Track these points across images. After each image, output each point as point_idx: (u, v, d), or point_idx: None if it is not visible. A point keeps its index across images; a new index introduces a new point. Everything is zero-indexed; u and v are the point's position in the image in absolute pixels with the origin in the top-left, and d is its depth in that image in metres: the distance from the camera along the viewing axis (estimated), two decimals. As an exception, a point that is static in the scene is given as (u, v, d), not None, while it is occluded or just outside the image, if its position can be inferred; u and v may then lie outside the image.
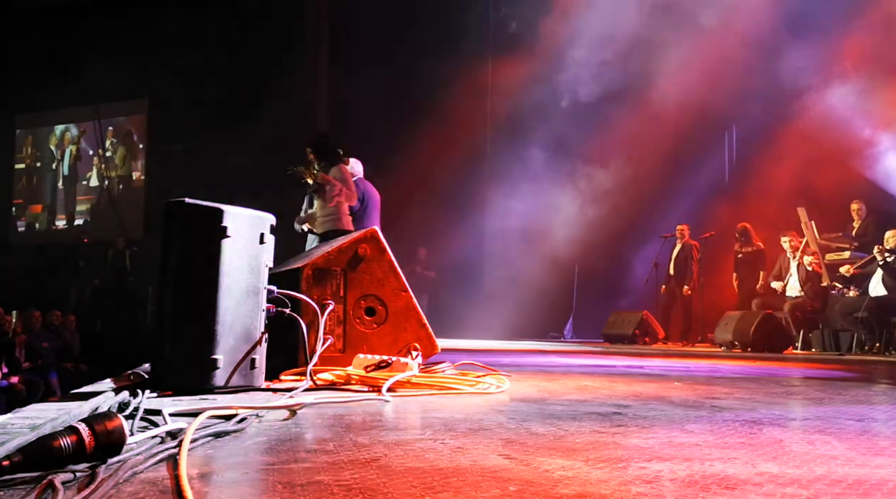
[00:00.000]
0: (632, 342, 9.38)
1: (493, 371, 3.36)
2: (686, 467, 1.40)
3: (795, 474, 1.35)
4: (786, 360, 6.45)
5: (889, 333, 7.61)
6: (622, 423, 2.00)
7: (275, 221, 2.76)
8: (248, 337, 2.57)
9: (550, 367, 4.59)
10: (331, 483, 1.22)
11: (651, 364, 5.08)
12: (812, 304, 8.45)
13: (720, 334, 8.12)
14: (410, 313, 3.44)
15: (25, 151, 18.11)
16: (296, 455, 1.47)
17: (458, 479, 1.27)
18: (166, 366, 2.52)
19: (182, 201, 2.56)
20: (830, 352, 8.18)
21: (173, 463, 1.35)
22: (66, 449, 1.29)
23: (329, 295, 3.29)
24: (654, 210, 10.87)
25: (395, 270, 3.46)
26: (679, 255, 10.00)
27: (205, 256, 2.51)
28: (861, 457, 1.54)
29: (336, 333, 3.29)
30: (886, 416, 2.26)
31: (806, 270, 8.54)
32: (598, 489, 1.21)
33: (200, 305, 2.48)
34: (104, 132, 16.96)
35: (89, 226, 16.52)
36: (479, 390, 2.78)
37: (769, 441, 1.72)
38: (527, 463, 1.41)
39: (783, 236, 8.79)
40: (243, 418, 1.85)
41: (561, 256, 11.61)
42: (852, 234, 8.73)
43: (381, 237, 3.51)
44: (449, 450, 1.54)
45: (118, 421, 1.38)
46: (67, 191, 17.53)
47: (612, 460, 1.46)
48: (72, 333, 11.10)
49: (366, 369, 2.90)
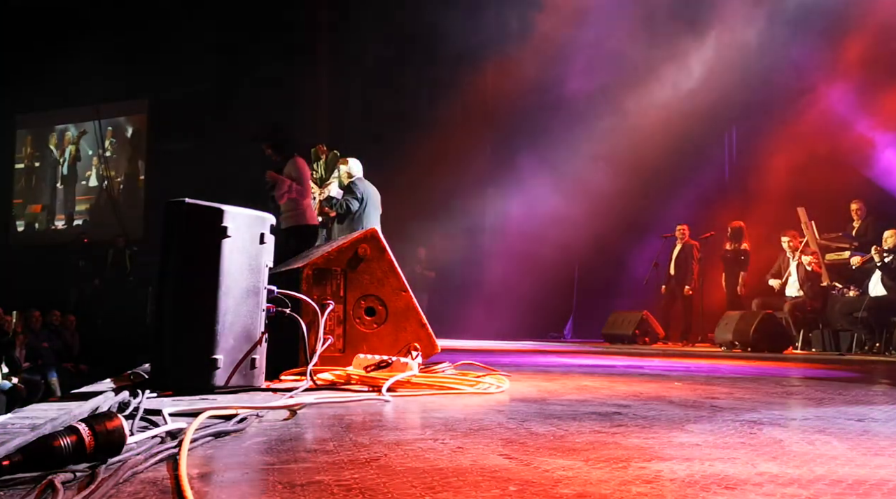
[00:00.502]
0: (632, 342, 9.38)
1: (493, 371, 3.36)
2: (686, 467, 1.40)
3: (795, 474, 1.35)
4: (786, 360, 6.45)
5: (889, 333, 7.62)
6: (622, 423, 2.00)
7: (275, 221, 2.76)
8: (248, 337, 2.57)
9: (550, 367, 4.59)
10: (331, 483, 1.22)
11: (651, 364, 5.08)
12: (812, 304, 8.44)
13: (720, 334, 8.12)
14: (410, 313, 3.44)
15: (25, 150, 18.11)
16: (296, 455, 1.47)
17: (458, 479, 1.27)
18: (166, 366, 2.52)
19: (182, 201, 2.56)
20: (830, 352, 8.18)
21: (173, 463, 1.35)
22: (66, 449, 1.29)
23: (329, 295, 3.29)
24: (654, 210, 10.86)
25: (395, 270, 3.46)
26: (679, 255, 10.00)
27: (205, 256, 2.51)
28: (861, 457, 1.54)
29: (336, 333, 3.29)
30: (886, 416, 2.26)
31: (805, 270, 8.54)
32: (598, 489, 1.21)
33: (200, 305, 2.48)
34: (104, 132, 16.96)
35: (89, 226, 16.52)
36: (478, 390, 2.78)
37: (769, 441, 1.72)
38: (527, 463, 1.41)
39: (783, 236, 8.79)
40: (243, 418, 1.85)
41: (561, 257, 11.61)
42: (852, 234, 8.73)
43: (381, 237, 3.51)
44: (449, 450, 1.54)
45: (118, 421, 1.38)
46: (67, 191, 17.53)
47: (612, 460, 1.46)
48: (72, 333, 11.10)
49: (366, 369, 2.90)
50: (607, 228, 11.33)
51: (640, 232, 10.98)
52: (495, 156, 12.55)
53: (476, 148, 12.47)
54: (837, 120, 9.44)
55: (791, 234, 8.78)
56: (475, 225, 12.27)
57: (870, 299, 7.69)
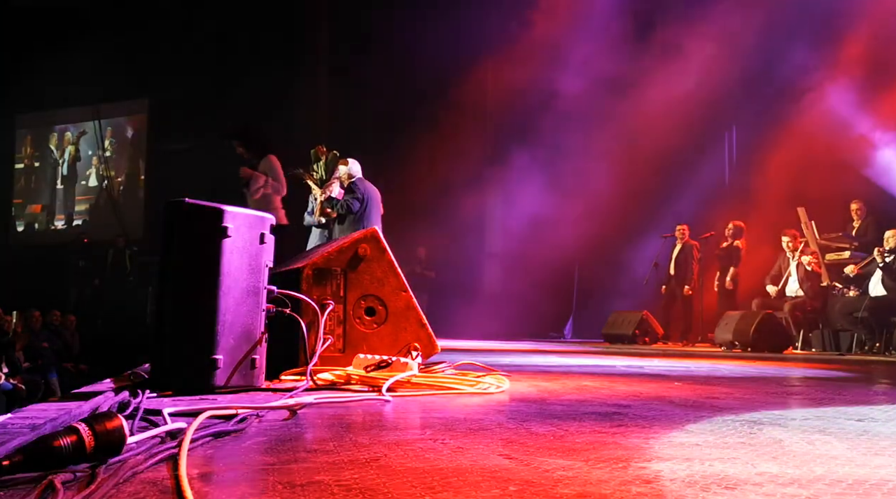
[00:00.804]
0: (632, 342, 9.38)
1: (493, 371, 3.36)
2: (686, 467, 1.40)
3: (795, 474, 1.35)
4: (786, 360, 6.45)
5: (889, 333, 7.61)
6: (622, 423, 2.00)
7: (275, 221, 2.76)
8: (248, 337, 2.57)
9: (550, 367, 4.59)
10: (331, 483, 1.22)
11: (651, 364, 5.08)
12: (812, 304, 8.44)
13: (720, 334, 8.12)
14: (410, 313, 3.44)
15: (25, 150, 18.11)
16: (296, 455, 1.47)
17: (458, 479, 1.27)
18: (166, 366, 2.52)
19: (182, 201, 2.55)
20: (830, 352, 8.18)
21: (173, 463, 1.35)
22: (66, 449, 1.29)
23: (329, 295, 3.29)
24: (654, 210, 10.86)
25: (396, 270, 3.46)
26: (679, 255, 10.00)
27: (205, 256, 2.51)
28: (861, 457, 1.54)
29: (336, 333, 3.29)
30: (886, 416, 2.26)
31: (805, 270, 8.54)
32: (598, 489, 1.21)
33: (200, 305, 2.48)
34: (104, 132, 16.96)
35: (89, 226, 16.52)
36: (478, 390, 2.78)
37: (769, 441, 1.72)
38: (527, 463, 1.41)
39: (783, 236, 8.79)
40: (243, 418, 1.85)
41: (561, 257, 11.61)
42: (852, 234, 8.73)
43: (382, 237, 3.51)
44: (449, 450, 1.54)
45: (118, 421, 1.38)
46: (67, 191, 17.54)
47: (612, 460, 1.46)
48: (72, 333, 11.09)
49: (366, 369, 2.90)
50: (607, 228, 11.33)
51: (640, 232, 10.98)
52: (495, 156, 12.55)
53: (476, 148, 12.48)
54: (837, 120, 9.44)
55: (791, 234, 8.77)
56: (475, 225, 12.27)
57: (870, 300, 7.69)
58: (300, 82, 13.12)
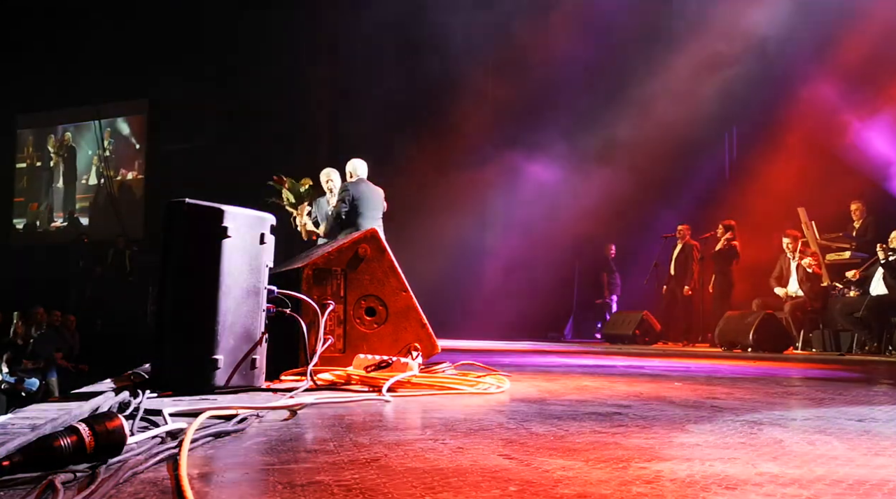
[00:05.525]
0: (632, 342, 9.38)
1: (493, 371, 3.36)
2: (686, 467, 1.40)
3: (796, 474, 1.35)
4: (786, 360, 6.45)
5: (889, 333, 7.61)
6: (622, 423, 2.00)
7: (275, 222, 2.76)
8: (248, 337, 2.57)
9: (550, 367, 4.59)
10: (331, 483, 1.22)
11: (651, 364, 5.08)
12: (812, 304, 8.44)
13: (720, 334, 8.12)
14: (411, 313, 3.44)
15: (26, 150, 18.12)
16: (296, 455, 1.47)
17: (458, 479, 1.27)
18: (166, 366, 2.52)
19: (182, 201, 2.55)
20: (831, 352, 8.17)
21: (173, 463, 1.35)
22: (66, 449, 1.29)
23: (329, 295, 3.29)
24: (654, 210, 10.86)
25: (396, 270, 3.46)
26: (679, 255, 10.00)
27: (205, 256, 2.51)
28: (861, 457, 1.54)
29: (336, 334, 3.29)
30: (886, 416, 2.26)
31: (805, 271, 8.54)
32: (598, 489, 1.21)
33: (201, 305, 2.48)
34: (104, 132, 16.97)
35: (89, 226, 16.52)
36: (479, 390, 2.78)
37: (769, 441, 1.72)
38: (527, 463, 1.41)
39: (784, 237, 8.78)
40: (244, 419, 1.85)
41: (561, 256, 11.61)
42: (852, 234, 8.73)
43: (382, 237, 3.52)
44: (449, 450, 1.54)
45: (118, 421, 1.38)
46: (66, 190, 17.55)
47: (612, 460, 1.46)
48: (72, 333, 11.10)
49: (366, 369, 2.90)
50: (607, 227, 11.32)
51: (640, 232, 10.98)
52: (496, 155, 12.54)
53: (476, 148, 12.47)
54: (837, 120, 9.43)
55: (792, 234, 8.77)
56: (475, 225, 12.26)
57: (871, 298, 7.68)
58: (300, 82, 13.12)
